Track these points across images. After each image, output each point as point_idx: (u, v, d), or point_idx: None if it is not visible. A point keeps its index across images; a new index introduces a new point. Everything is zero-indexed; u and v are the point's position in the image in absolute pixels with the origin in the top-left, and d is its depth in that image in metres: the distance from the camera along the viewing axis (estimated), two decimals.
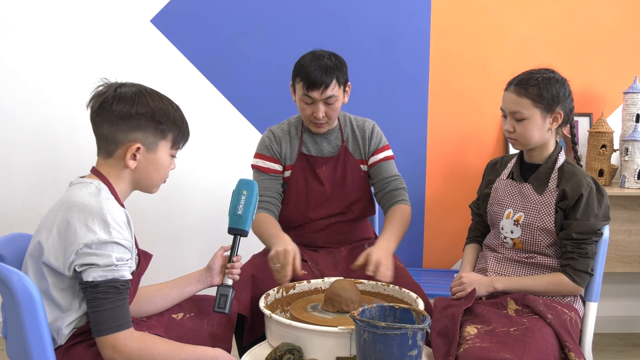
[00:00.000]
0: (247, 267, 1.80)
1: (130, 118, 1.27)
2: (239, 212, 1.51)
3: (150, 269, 1.46)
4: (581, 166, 1.74)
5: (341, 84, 1.86)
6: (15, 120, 2.60)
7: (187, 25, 2.62)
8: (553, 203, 1.62)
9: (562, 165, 1.66)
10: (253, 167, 1.99)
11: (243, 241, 1.55)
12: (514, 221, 1.67)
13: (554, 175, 1.65)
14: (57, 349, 1.25)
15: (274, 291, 1.69)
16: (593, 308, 1.64)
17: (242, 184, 1.54)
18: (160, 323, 1.48)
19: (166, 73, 2.63)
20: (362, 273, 1.70)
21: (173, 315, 1.54)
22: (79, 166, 2.24)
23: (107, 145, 1.30)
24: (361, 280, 1.75)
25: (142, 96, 1.30)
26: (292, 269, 1.66)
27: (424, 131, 2.73)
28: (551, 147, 1.67)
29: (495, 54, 2.69)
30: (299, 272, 1.68)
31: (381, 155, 1.99)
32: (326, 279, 1.79)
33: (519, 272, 1.67)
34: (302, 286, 1.75)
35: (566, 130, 1.77)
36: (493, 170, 1.83)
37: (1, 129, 2.60)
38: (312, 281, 1.77)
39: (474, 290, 1.61)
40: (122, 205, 1.31)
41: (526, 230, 1.65)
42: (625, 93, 2.58)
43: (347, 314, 1.49)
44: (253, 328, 1.71)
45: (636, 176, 2.51)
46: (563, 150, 1.69)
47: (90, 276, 1.19)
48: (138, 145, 1.29)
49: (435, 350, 1.45)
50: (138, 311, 1.46)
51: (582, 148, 2.63)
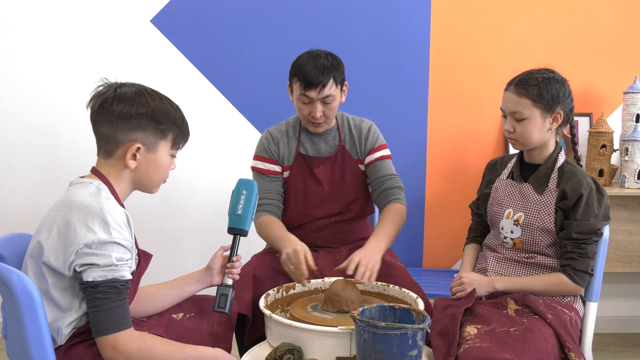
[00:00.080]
0: (248, 267, 1.81)
1: (130, 118, 1.28)
2: (239, 212, 1.51)
3: (150, 269, 1.46)
4: (581, 166, 1.74)
5: (338, 83, 1.86)
6: (15, 120, 2.60)
7: (187, 25, 2.62)
8: (553, 203, 1.62)
9: (562, 165, 1.66)
10: (253, 169, 1.99)
11: (243, 241, 1.55)
12: (514, 221, 1.67)
13: (554, 175, 1.65)
14: (57, 349, 1.25)
15: (274, 291, 1.69)
16: (593, 308, 1.64)
17: (242, 184, 1.54)
18: (160, 323, 1.48)
19: (166, 73, 2.63)
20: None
21: (173, 315, 1.54)
22: (79, 166, 2.24)
23: (107, 145, 1.30)
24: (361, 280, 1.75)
25: (142, 96, 1.30)
26: (306, 267, 1.65)
27: (424, 131, 2.73)
28: (551, 147, 1.67)
29: (495, 54, 2.69)
30: (313, 268, 1.68)
31: (377, 154, 1.98)
32: (326, 279, 1.79)
33: (519, 272, 1.67)
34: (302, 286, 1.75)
35: (566, 130, 1.77)
36: (493, 170, 1.83)
37: (1, 129, 2.60)
38: (312, 281, 1.77)
39: (474, 290, 1.61)
40: (122, 205, 1.31)
41: (526, 230, 1.65)
42: (625, 93, 2.58)
43: (347, 314, 1.49)
44: (254, 328, 1.71)
45: (636, 176, 2.51)
46: (563, 150, 1.69)
47: (90, 276, 1.19)
48: (138, 145, 1.29)
49: (435, 350, 1.45)
50: (138, 311, 1.46)
51: (582, 148, 2.63)
